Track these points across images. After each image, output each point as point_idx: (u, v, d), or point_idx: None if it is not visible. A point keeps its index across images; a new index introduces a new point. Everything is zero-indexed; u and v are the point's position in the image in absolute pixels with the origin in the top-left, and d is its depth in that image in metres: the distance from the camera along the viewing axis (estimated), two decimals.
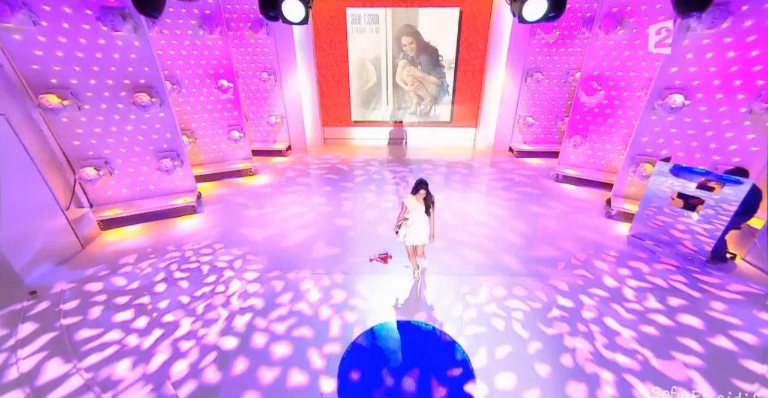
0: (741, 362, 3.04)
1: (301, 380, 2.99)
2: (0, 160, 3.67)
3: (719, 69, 4.47)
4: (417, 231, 3.85)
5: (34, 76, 4.36)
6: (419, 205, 3.78)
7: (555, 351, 3.25)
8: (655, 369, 3.05)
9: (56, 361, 3.01)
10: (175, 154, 5.60)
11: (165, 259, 4.59)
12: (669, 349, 3.23)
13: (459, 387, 2.94)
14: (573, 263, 4.52)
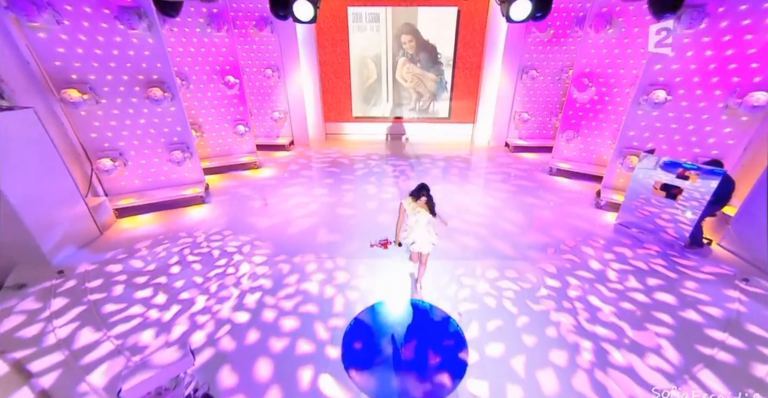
0: (705, 331, 3.39)
1: (308, 348, 3.33)
2: (30, 150, 4.01)
3: (699, 67, 4.81)
4: (419, 238, 3.64)
5: (56, 72, 4.69)
6: (419, 209, 3.51)
7: (541, 324, 3.60)
8: (630, 338, 3.40)
9: (88, 330, 3.36)
10: (185, 147, 5.93)
11: (177, 244, 4.93)
12: (644, 322, 3.58)
13: (453, 354, 3.28)
14: (562, 249, 4.87)
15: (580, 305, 3.85)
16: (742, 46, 4.44)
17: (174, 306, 3.81)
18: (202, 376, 2.99)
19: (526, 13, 4.25)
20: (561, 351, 3.28)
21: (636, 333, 3.45)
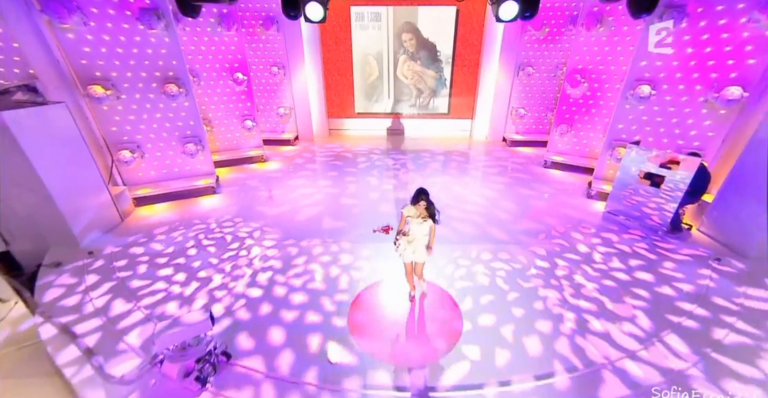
0: (676, 303, 3.77)
1: (316, 319, 3.73)
2: (62, 142, 4.42)
3: (681, 63, 5.17)
4: (415, 248, 3.54)
5: (82, 70, 5.10)
6: (420, 216, 3.41)
7: (529, 299, 3.98)
8: (609, 310, 3.79)
9: (120, 301, 3.77)
10: (198, 140, 6.34)
11: (193, 230, 5.34)
12: (623, 297, 3.96)
13: (448, 323, 3.68)
14: (552, 234, 5.25)
15: (566, 282, 4.24)
16: (719, 44, 4.80)
17: (193, 282, 4.22)
18: (221, 338, 3.39)
19: (513, 13, 4.63)
20: (546, 321, 3.67)
21: (615, 305, 3.84)
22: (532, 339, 3.45)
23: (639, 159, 5.07)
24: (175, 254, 4.75)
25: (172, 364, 2.89)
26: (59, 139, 4.40)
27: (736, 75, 4.80)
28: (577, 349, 3.32)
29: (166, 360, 2.93)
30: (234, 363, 3.15)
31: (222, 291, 4.09)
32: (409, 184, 6.96)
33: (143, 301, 3.81)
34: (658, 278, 4.21)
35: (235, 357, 3.21)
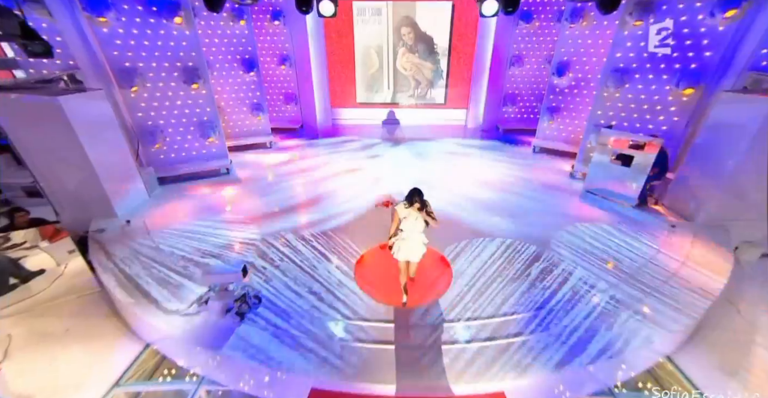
0: (631, 253, 4.53)
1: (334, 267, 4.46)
2: (101, 124, 5.10)
3: (650, 55, 5.86)
4: (410, 247, 3.61)
5: (114, 60, 5.75)
6: (413, 216, 3.48)
7: (506, 251, 4.72)
8: (578, 262, 4.53)
9: (162, 255, 4.49)
10: (213, 126, 7.01)
11: (214, 203, 6.05)
12: (590, 256, 4.69)
13: (439, 278, 4.41)
14: (536, 206, 5.98)
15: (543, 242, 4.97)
16: (681, 38, 5.49)
17: (225, 242, 4.94)
18: (253, 286, 4.12)
19: (493, 10, 5.35)
20: (517, 267, 4.41)
21: (585, 257, 4.58)
22: (506, 287, 4.19)
23: (614, 141, 5.78)
24: (202, 221, 5.45)
25: (216, 302, 3.63)
26: (99, 122, 5.08)
27: (695, 66, 5.51)
28: (535, 290, 4.07)
29: (210, 300, 3.67)
30: (263, 304, 3.89)
31: (250, 246, 4.82)
32: (404, 169, 7.66)
33: (180, 256, 4.54)
34: (624, 240, 4.96)
35: (263, 301, 3.94)
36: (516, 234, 5.19)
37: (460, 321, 3.70)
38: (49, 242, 4.80)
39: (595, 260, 4.58)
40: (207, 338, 3.48)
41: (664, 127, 6.11)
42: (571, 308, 3.83)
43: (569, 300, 3.95)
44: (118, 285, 4.07)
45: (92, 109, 4.94)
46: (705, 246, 4.73)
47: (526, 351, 3.36)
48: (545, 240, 5.03)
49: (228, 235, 5.14)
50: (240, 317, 3.64)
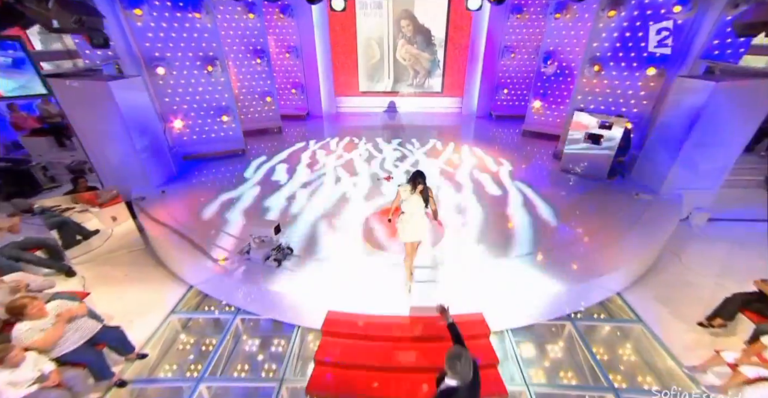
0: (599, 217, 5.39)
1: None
2: (139, 107, 5.89)
3: (622, 44, 6.62)
4: (414, 228, 3.71)
5: (146, 51, 6.53)
6: (415, 196, 3.63)
7: (488, 214, 5.56)
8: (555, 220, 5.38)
9: (196, 218, 5.35)
10: (230, 110, 7.80)
11: (233, 175, 6.89)
12: (566, 217, 5.53)
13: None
14: (521, 182, 6.81)
15: (525, 208, 5.81)
16: (648, 29, 6.25)
17: (251, 205, 5.79)
18: (287, 238, 4.98)
19: (477, 4, 6.15)
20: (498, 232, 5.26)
21: (560, 217, 5.43)
22: (490, 238, 5.04)
23: (587, 122, 6.58)
24: (224, 188, 6.29)
25: (257, 252, 4.44)
26: (138, 104, 5.88)
27: (660, 54, 6.28)
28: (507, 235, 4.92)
29: (251, 251, 4.48)
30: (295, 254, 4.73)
31: (278, 202, 5.66)
32: (405, 152, 8.47)
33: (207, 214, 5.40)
34: (595, 204, 5.82)
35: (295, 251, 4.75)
36: (501, 198, 6.05)
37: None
38: (99, 208, 5.66)
39: (568, 215, 5.44)
40: (242, 279, 4.32)
41: (635, 110, 6.91)
42: (548, 248, 4.68)
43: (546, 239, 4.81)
44: (166, 240, 4.93)
45: (133, 92, 5.74)
46: (659, 210, 5.58)
47: (501, 279, 4.21)
48: (528, 202, 5.90)
49: (247, 204, 6.00)
50: (277, 263, 4.44)
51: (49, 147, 7.44)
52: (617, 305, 4.59)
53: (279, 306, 4.26)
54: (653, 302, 4.51)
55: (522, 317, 4.25)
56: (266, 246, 4.48)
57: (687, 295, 4.52)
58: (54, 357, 3.02)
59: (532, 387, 3.56)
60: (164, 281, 4.91)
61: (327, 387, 3.41)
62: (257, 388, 3.76)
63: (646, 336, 4.08)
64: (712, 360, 3.37)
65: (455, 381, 2.21)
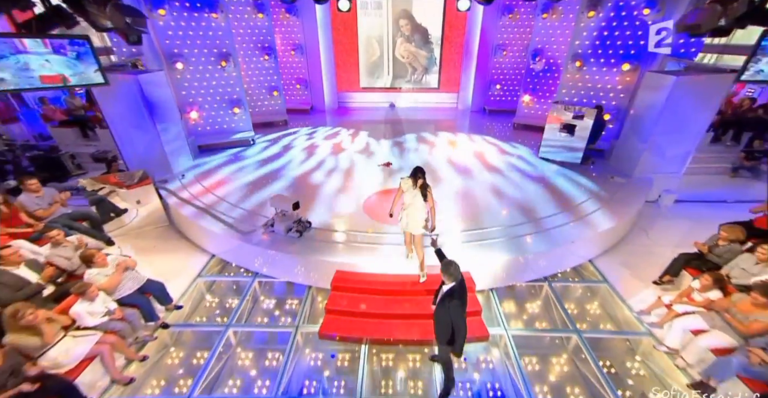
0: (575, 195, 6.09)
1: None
2: (162, 99, 6.56)
3: (601, 41, 7.33)
4: (409, 218, 4.01)
5: (166, 47, 7.20)
6: (414, 190, 3.91)
7: (478, 191, 6.25)
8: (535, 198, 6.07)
9: (213, 197, 6.04)
10: (241, 103, 8.47)
11: (245, 164, 7.56)
12: (545, 199, 6.23)
13: None
14: (511, 166, 7.51)
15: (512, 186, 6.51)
16: (623, 29, 6.96)
17: (264, 185, 6.47)
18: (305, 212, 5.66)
19: (466, 6, 6.82)
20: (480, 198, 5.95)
21: (539, 195, 6.12)
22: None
23: (561, 113, 7.24)
24: (241, 174, 6.97)
25: (280, 224, 5.10)
26: (161, 96, 6.54)
27: (634, 52, 6.99)
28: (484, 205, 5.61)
29: (275, 224, 5.14)
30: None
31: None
32: (404, 142, 9.15)
33: (224, 192, 6.08)
34: (572, 185, 6.51)
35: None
36: (490, 179, 6.75)
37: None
38: (127, 189, 6.33)
39: (549, 197, 6.14)
40: (264, 248, 4.97)
41: (614, 103, 7.62)
42: (527, 220, 5.37)
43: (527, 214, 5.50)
44: (189, 217, 5.61)
45: (157, 85, 6.40)
46: (630, 191, 6.28)
47: (487, 245, 4.89)
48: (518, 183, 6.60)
49: (260, 184, 6.68)
50: (299, 234, 5.09)
51: (74, 137, 8.10)
52: (589, 270, 5.30)
53: (294, 270, 4.94)
54: (619, 267, 5.22)
55: (503, 278, 4.94)
56: (288, 219, 5.13)
57: (648, 262, 5.22)
58: (115, 299, 3.71)
59: (510, 331, 4.26)
60: (189, 251, 5.60)
61: (337, 330, 4.10)
62: (276, 334, 4.45)
63: (610, 294, 4.79)
64: (654, 305, 4.08)
65: (451, 282, 2.98)
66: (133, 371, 3.66)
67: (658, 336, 3.93)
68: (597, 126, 6.84)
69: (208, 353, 4.01)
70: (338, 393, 3.80)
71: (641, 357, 4.06)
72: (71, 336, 3.22)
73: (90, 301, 3.42)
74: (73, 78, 3.90)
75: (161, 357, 4.07)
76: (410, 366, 4.13)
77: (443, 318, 3.06)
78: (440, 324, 3.13)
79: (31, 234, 4.37)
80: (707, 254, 4.30)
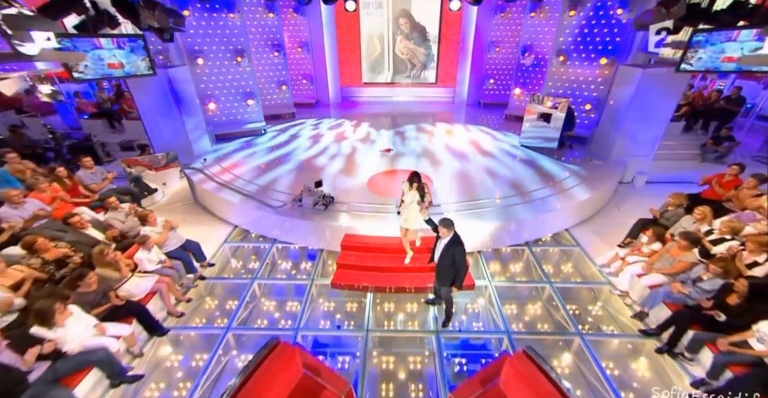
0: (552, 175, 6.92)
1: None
2: (186, 92, 7.38)
3: (582, 38, 8.13)
4: (407, 215, 4.61)
5: (187, 45, 8.02)
6: (412, 191, 4.53)
7: (468, 167, 7.06)
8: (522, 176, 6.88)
9: (231, 177, 6.87)
10: (254, 95, 9.30)
11: (259, 149, 8.39)
12: (531, 177, 7.04)
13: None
14: (501, 151, 8.33)
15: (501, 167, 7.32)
16: (600, 27, 7.77)
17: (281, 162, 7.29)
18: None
19: (457, 6, 7.63)
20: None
21: (521, 175, 6.94)
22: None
23: (535, 107, 8.04)
24: (256, 156, 7.79)
25: (307, 199, 5.91)
26: (185, 89, 7.37)
27: (611, 47, 7.80)
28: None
29: (303, 198, 5.94)
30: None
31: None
32: (404, 132, 9.97)
33: (242, 170, 6.90)
34: (551, 168, 7.33)
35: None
36: (483, 160, 7.57)
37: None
38: (155, 171, 7.16)
39: (535, 176, 6.95)
40: (288, 217, 5.79)
41: (594, 94, 8.44)
42: (514, 193, 6.19)
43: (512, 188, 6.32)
44: (213, 193, 6.44)
45: (182, 78, 7.24)
46: (606, 172, 7.10)
47: (477, 213, 5.71)
48: (508, 164, 7.42)
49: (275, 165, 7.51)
50: (325, 207, 5.88)
51: (103, 128, 8.94)
52: (565, 237, 6.12)
53: (309, 235, 5.76)
54: (591, 234, 6.04)
55: (490, 243, 5.76)
56: (314, 194, 5.91)
57: (616, 231, 6.01)
58: (164, 252, 4.54)
59: (493, 283, 5.09)
60: (213, 223, 6.43)
61: (347, 279, 4.93)
62: (294, 285, 5.28)
63: (581, 255, 5.61)
64: (613, 259, 4.91)
65: (449, 235, 3.74)
66: (181, 309, 4.50)
67: (614, 283, 4.76)
68: (569, 116, 7.63)
69: (237, 301, 4.85)
70: (349, 328, 4.63)
71: (602, 302, 4.89)
72: (137, 276, 4.06)
73: (148, 251, 4.25)
74: (128, 65, 4.75)
75: (200, 303, 4.91)
76: (408, 310, 4.95)
77: (448, 263, 3.81)
78: (445, 268, 3.89)
79: (90, 204, 5.21)
80: (659, 218, 5.12)
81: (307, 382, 3.24)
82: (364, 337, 4.33)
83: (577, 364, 4.13)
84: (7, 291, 3.36)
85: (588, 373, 3.95)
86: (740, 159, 7.61)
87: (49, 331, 3.02)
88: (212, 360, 4.02)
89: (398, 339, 4.57)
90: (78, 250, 4.18)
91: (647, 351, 4.01)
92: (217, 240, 6.01)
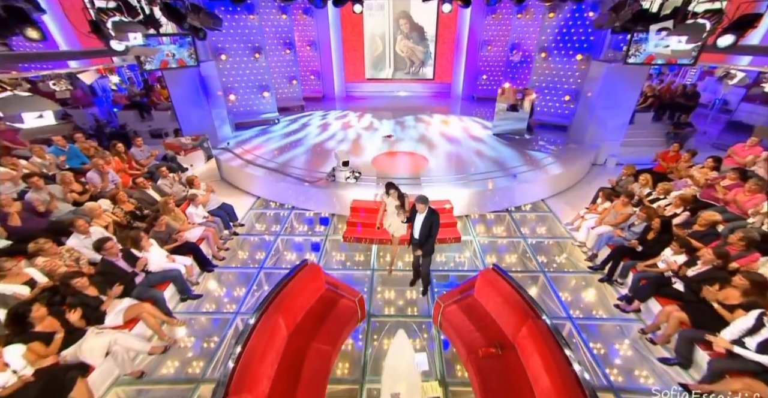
0: (532, 156, 7.99)
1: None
2: (213, 85, 8.47)
3: (561, 37, 9.22)
4: (391, 222, 5.25)
5: (212, 43, 9.13)
6: (390, 199, 5.16)
7: (460, 150, 8.14)
8: (506, 156, 7.96)
9: (254, 157, 7.96)
10: (269, 88, 10.39)
11: (275, 135, 9.47)
12: (514, 157, 8.11)
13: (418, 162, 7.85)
14: (489, 137, 9.40)
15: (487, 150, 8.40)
16: (576, 27, 8.86)
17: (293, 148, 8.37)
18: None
19: (449, 9, 8.71)
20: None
21: (508, 157, 8.02)
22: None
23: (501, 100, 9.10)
24: (272, 142, 8.88)
25: (340, 173, 6.96)
26: (212, 81, 8.47)
27: (587, 45, 8.89)
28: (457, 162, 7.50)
29: (336, 173, 6.99)
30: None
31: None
32: (404, 121, 11.05)
33: (260, 153, 7.99)
34: (539, 149, 8.42)
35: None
36: (473, 144, 8.64)
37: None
38: (184, 154, 8.26)
39: (518, 156, 8.03)
40: (299, 188, 6.88)
41: (573, 86, 9.52)
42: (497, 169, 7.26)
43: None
44: (238, 168, 7.52)
45: (209, 72, 8.34)
46: (579, 154, 8.18)
47: (465, 184, 6.78)
48: (494, 147, 8.50)
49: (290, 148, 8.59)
50: (356, 179, 6.97)
51: (134, 118, 10.07)
52: (541, 207, 7.20)
53: (324, 203, 6.85)
54: (562, 204, 7.13)
55: (475, 208, 6.83)
56: (344, 170, 6.90)
57: (585, 202, 7.07)
58: (207, 210, 5.63)
59: (477, 238, 6.16)
60: (239, 196, 7.53)
61: (355, 234, 6.00)
62: (310, 241, 6.37)
63: (553, 220, 6.70)
64: (575, 218, 6.00)
65: (424, 209, 4.51)
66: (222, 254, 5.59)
67: (575, 236, 5.84)
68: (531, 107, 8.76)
69: (264, 253, 5.93)
70: (358, 268, 5.71)
71: (567, 254, 5.96)
72: (190, 225, 5.16)
73: (195, 207, 5.34)
74: (176, 54, 5.93)
75: (234, 254, 5.99)
76: (406, 259, 6.02)
77: (425, 232, 4.45)
78: (423, 236, 4.55)
79: (141, 175, 6.32)
80: (615, 186, 6.20)
81: (329, 294, 4.32)
82: (371, 276, 5.41)
83: (540, 295, 5.20)
84: (102, 229, 4.47)
85: (548, 301, 5.03)
86: (700, 145, 8.72)
87: (140, 252, 4.11)
88: (248, 293, 5.11)
89: (397, 276, 5.64)
90: (143, 207, 5.29)
91: (594, 282, 5.09)
92: (244, 207, 7.10)
